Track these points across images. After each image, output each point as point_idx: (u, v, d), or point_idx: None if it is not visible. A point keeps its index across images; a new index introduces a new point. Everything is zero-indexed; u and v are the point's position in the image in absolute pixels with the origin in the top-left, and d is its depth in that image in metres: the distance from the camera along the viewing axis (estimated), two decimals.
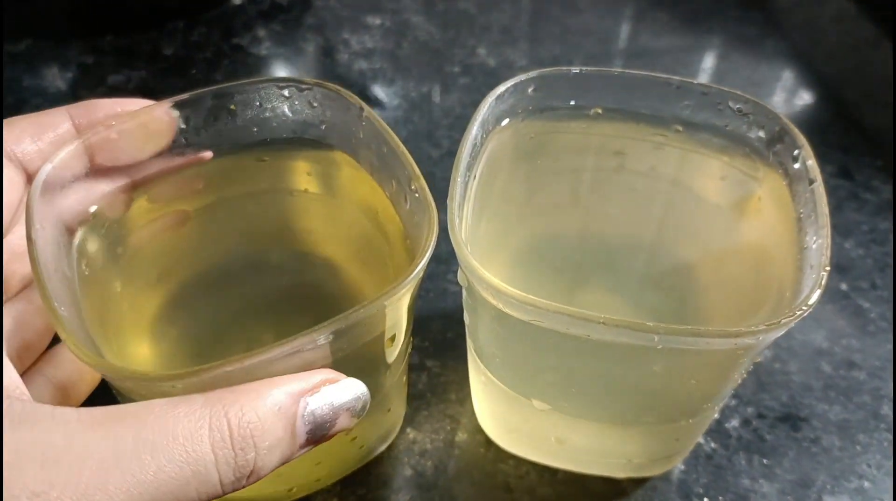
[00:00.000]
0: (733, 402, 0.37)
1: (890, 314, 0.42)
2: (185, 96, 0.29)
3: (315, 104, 0.31)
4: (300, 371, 0.22)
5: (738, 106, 0.30)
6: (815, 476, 0.35)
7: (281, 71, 0.60)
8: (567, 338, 0.24)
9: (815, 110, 0.58)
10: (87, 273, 0.27)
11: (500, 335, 0.27)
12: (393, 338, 0.26)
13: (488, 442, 0.35)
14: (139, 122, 0.28)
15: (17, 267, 0.27)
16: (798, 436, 0.36)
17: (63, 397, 0.27)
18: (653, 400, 0.28)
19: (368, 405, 0.23)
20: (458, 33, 0.64)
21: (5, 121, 0.27)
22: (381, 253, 0.31)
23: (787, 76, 0.61)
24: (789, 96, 0.59)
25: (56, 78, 0.57)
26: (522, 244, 0.36)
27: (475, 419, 0.36)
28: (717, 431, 0.36)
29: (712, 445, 0.35)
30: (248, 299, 0.34)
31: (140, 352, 0.31)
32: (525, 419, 0.31)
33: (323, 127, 0.31)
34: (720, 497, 0.34)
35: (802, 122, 0.56)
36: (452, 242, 0.25)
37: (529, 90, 0.31)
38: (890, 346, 0.40)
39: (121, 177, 0.29)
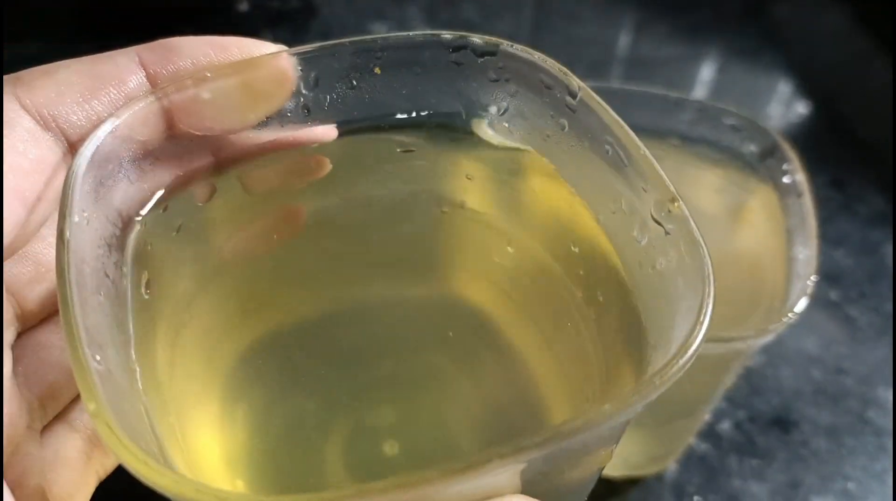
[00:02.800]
0: (726, 406, 0.38)
1: (879, 323, 0.43)
2: (311, 48, 0.20)
3: (495, 76, 0.21)
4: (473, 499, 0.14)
5: (731, 122, 0.31)
6: (804, 477, 0.36)
7: None
8: None
9: (810, 122, 0.59)
10: (146, 298, 0.18)
11: None
12: (611, 452, 0.17)
13: None
14: (244, 77, 0.19)
15: (42, 287, 0.19)
16: (788, 439, 0.37)
17: (91, 451, 0.20)
18: (648, 402, 0.29)
19: None
20: None
21: (44, 69, 0.19)
22: (569, 309, 0.20)
23: (784, 88, 0.63)
24: (785, 108, 0.61)
25: None
26: None
27: None
28: (709, 433, 0.37)
29: (705, 446, 0.37)
30: (368, 356, 0.23)
31: (207, 432, 0.20)
32: None
33: (504, 110, 0.21)
34: (712, 497, 0.35)
35: (797, 133, 0.57)
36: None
37: None
38: (878, 353, 0.41)
39: (205, 152, 0.20)
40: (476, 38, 0.20)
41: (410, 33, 0.20)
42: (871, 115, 0.59)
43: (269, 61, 0.19)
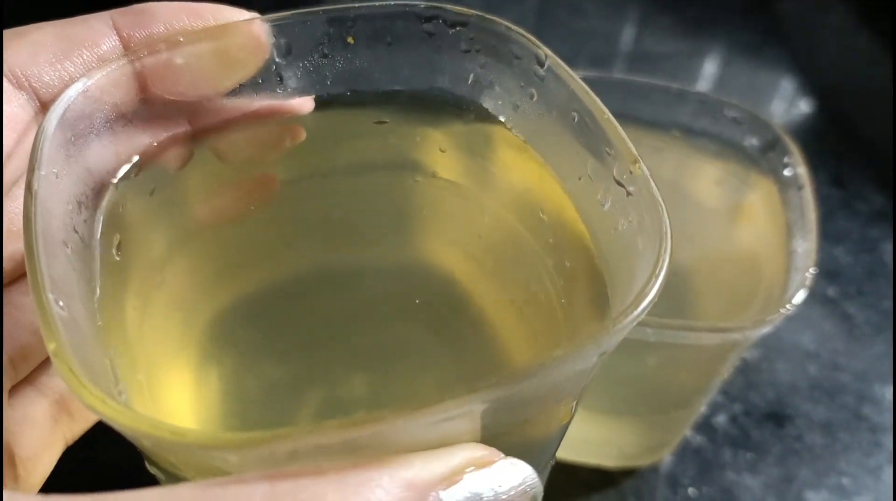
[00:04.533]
0: (721, 399, 0.39)
1: (875, 320, 0.43)
2: (284, 15, 0.20)
3: (466, 47, 0.21)
4: (430, 448, 0.13)
5: (732, 115, 0.31)
6: (798, 471, 0.36)
7: None
8: None
9: (812, 119, 0.59)
10: (118, 259, 0.18)
11: None
12: (575, 405, 0.18)
13: None
14: (217, 43, 0.19)
15: (13, 246, 0.19)
16: (782, 433, 0.38)
17: (59, 414, 0.20)
18: (645, 391, 0.29)
19: None
20: None
21: (17, 31, 0.19)
22: (539, 275, 0.20)
23: (786, 84, 0.63)
24: (787, 104, 0.61)
25: None
26: None
27: None
28: (705, 426, 0.37)
29: (700, 439, 0.37)
30: (338, 331, 0.23)
31: (176, 391, 0.20)
32: None
33: (474, 81, 0.21)
34: (706, 489, 0.35)
35: (799, 130, 0.57)
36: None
37: None
38: (874, 350, 0.41)
39: (180, 118, 0.20)
40: (448, 8, 0.20)
41: (384, 2, 0.21)
42: (873, 113, 0.59)
43: (243, 28, 0.20)
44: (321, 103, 0.22)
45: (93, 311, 0.17)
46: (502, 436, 0.14)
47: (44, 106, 0.19)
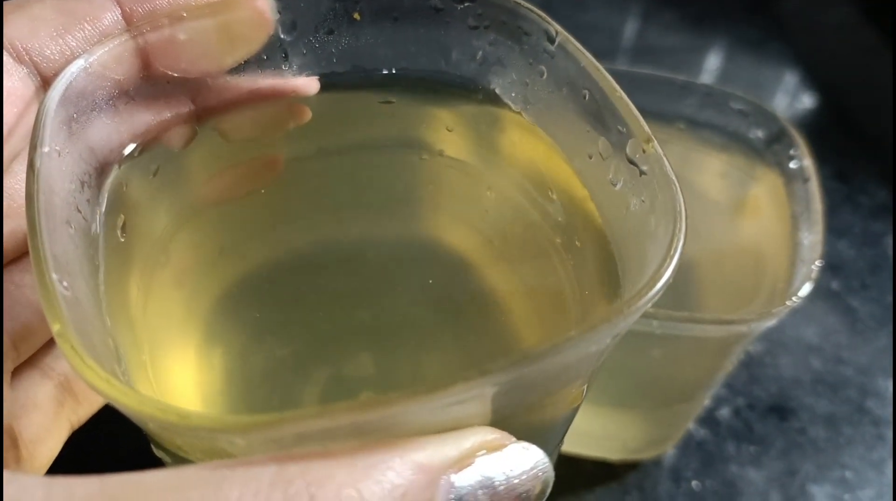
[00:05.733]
0: (725, 392, 0.39)
1: (879, 314, 0.43)
2: None
3: (475, 23, 0.20)
4: (440, 431, 0.13)
5: (738, 106, 0.31)
6: (801, 465, 0.36)
7: None
8: None
9: (816, 114, 0.59)
10: (122, 240, 0.18)
11: None
12: (586, 388, 0.18)
13: None
14: (221, 18, 0.19)
15: (14, 223, 0.19)
16: (785, 427, 0.38)
17: (64, 397, 0.20)
18: (649, 384, 0.29)
19: (550, 489, 0.15)
20: None
21: (17, 3, 0.19)
22: (548, 253, 0.20)
23: (790, 79, 0.63)
24: (791, 99, 0.61)
25: None
26: None
27: None
28: (708, 419, 0.37)
29: (703, 432, 0.37)
30: (343, 309, 0.22)
31: (180, 371, 0.20)
32: None
33: (483, 60, 0.21)
34: (709, 482, 0.35)
35: (802, 125, 0.57)
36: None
37: None
38: (878, 344, 0.41)
39: (184, 97, 0.20)
40: None
41: None
42: (876, 108, 0.59)
43: (247, 2, 0.19)
44: (327, 84, 0.21)
45: (96, 291, 0.16)
46: (513, 419, 0.14)
47: (45, 81, 0.18)
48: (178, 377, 0.19)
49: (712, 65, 0.64)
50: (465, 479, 0.13)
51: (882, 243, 0.48)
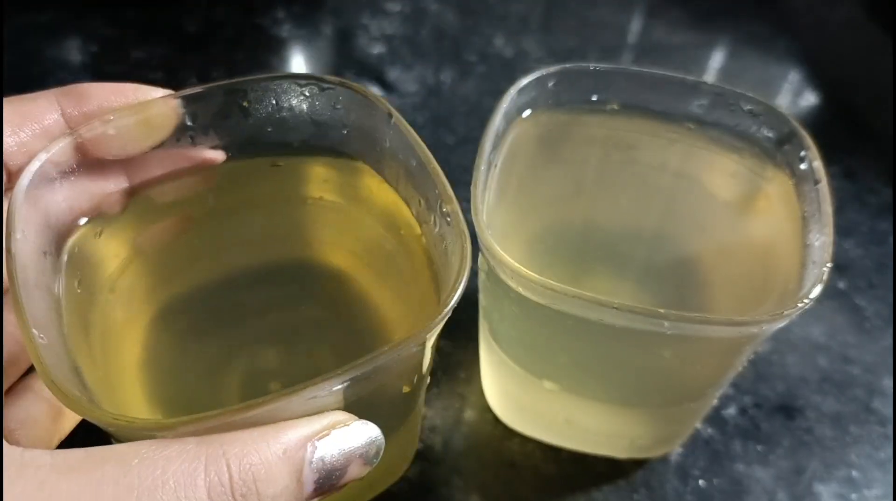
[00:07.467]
0: (732, 391, 0.39)
1: (886, 313, 0.43)
2: (193, 90, 0.26)
3: (338, 106, 0.28)
4: (308, 415, 0.19)
5: (749, 107, 0.31)
6: (808, 463, 0.36)
7: (299, 54, 0.61)
8: (580, 322, 0.25)
9: (822, 112, 0.59)
10: (79, 292, 0.24)
11: (517, 316, 0.29)
12: (416, 379, 0.24)
13: (495, 421, 0.37)
14: (140, 117, 0.25)
15: None
16: (792, 426, 0.38)
17: (57, 415, 0.25)
18: (659, 383, 0.29)
19: (382, 451, 0.20)
20: (475, 22, 0.65)
21: None
22: (402, 271, 0.28)
23: (796, 77, 0.63)
24: (797, 97, 0.61)
25: (79, 51, 0.58)
26: (536, 232, 0.38)
27: (483, 397, 0.37)
28: (715, 418, 0.38)
29: (710, 431, 0.37)
30: (253, 318, 0.30)
31: (133, 385, 0.27)
32: (535, 399, 0.33)
33: (345, 132, 0.28)
34: (716, 480, 0.35)
35: (809, 123, 0.57)
36: (476, 227, 0.26)
37: (550, 84, 0.33)
38: (884, 343, 0.42)
39: (118, 175, 0.26)
40: (319, 76, 0.27)
41: (271, 75, 0.27)
42: (882, 106, 0.59)
43: (159, 102, 0.26)
44: (230, 157, 0.28)
45: (62, 334, 0.22)
46: (357, 404, 0.20)
47: (7, 170, 0.24)
48: (128, 385, 0.26)
49: (718, 62, 0.64)
50: (324, 445, 0.19)
51: (889, 242, 0.48)
